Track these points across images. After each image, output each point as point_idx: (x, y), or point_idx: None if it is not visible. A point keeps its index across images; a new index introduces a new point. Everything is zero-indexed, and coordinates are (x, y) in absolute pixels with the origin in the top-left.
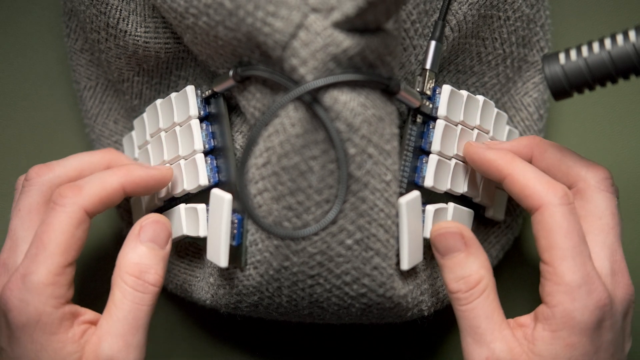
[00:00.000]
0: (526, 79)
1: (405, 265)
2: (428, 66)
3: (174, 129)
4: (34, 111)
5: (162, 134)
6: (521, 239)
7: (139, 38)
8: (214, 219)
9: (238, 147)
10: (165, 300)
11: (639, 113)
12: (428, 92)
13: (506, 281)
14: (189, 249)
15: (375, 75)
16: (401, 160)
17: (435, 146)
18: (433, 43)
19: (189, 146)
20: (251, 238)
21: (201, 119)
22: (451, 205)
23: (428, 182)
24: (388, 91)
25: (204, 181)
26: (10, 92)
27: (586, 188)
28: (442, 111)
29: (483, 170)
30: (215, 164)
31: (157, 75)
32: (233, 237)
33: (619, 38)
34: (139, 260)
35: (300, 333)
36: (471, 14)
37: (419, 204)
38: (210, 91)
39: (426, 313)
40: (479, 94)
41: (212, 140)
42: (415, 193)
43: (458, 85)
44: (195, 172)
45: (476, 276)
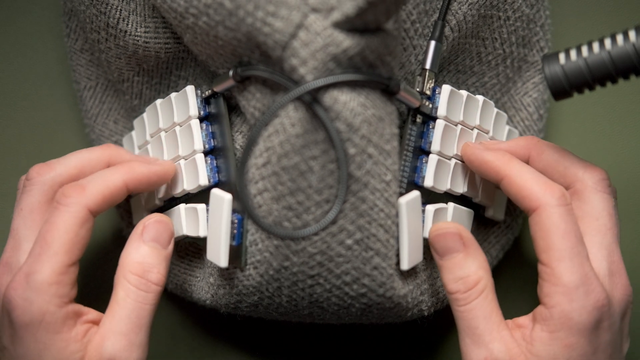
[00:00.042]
0: (526, 79)
1: (405, 265)
2: (428, 66)
3: (174, 129)
4: (34, 111)
5: (162, 134)
6: (521, 239)
7: (139, 38)
8: (214, 219)
9: (238, 147)
10: (165, 300)
11: (639, 113)
12: (428, 92)
13: (506, 281)
14: (189, 249)
15: (375, 75)
16: (401, 160)
17: (435, 146)
18: (433, 43)
19: (189, 146)
20: (251, 238)
21: (201, 119)
22: (451, 205)
23: (428, 182)
24: (388, 91)
25: (204, 181)
26: (10, 92)
27: (583, 189)
28: (442, 111)
29: (480, 171)
30: (215, 164)
31: (157, 75)
32: (233, 237)
33: (619, 38)
34: (142, 259)
35: (300, 333)
36: (471, 14)
37: (419, 204)
38: (210, 91)
39: (426, 313)
40: (479, 94)
41: (212, 140)
42: (415, 193)
43: (458, 85)
44: (195, 172)
45: (475, 277)
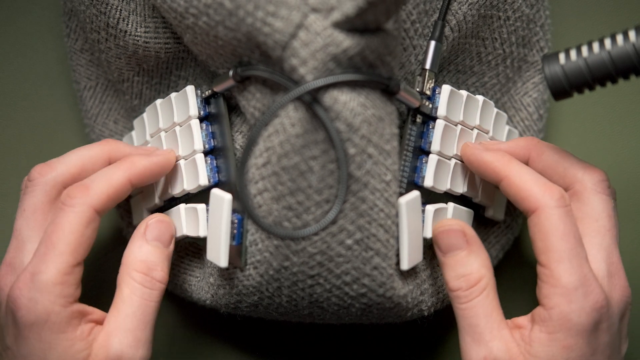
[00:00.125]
0: (526, 79)
1: (405, 265)
2: (428, 66)
3: (174, 129)
4: (34, 111)
5: (162, 134)
6: (521, 239)
7: (139, 38)
8: (214, 219)
9: (238, 147)
10: (165, 300)
11: (639, 113)
12: (428, 92)
13: (505, 281)
14: (189, 249)
15: (375, 75)
16: (401, 160)
17: (434, 146)
18: (433, 43)
19: (189, 146)
20: (251, 238)
21: (201, 119)
22: (451, 205)
23: (428, 182)
24: (388, 91)
25: (204, 181)
26: (10, 92)
27: (583, 190)
28: (442, 111)
29: (480, 172)
30: (215, 164)
31: (157, 75)
32: (233, 237)
33: (619, 38)
34: (146, 257)
35: (300, 333)
36: (471, 14)
37: (419, 204)
38: (210, 91)
39: (426, 313)
40: (479, 94)
41: (212, 140)
42: (415, 193)
43: (458, 85)
44: (195, 172)
45: (477, 275)
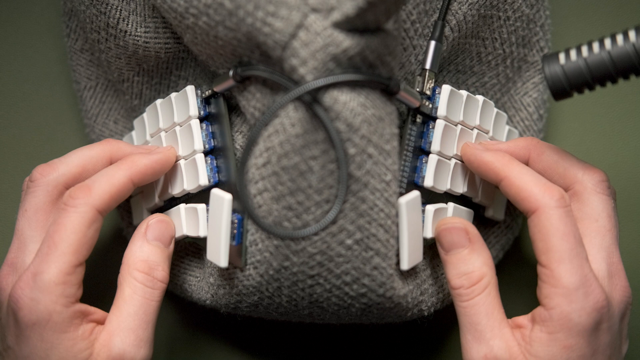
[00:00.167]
0: (526, 79)
1: (405, 265)
2: (428, 66)
3: (174, 129)
4: (34, 111)
5: (162, 134)
6: (521, 239)
7: (139, 38)
8: (214, 219)
9: (238, 147)
10: (165, 300)
11: (639, 113)
12: (428, 92)
13: (505, 281)
14: (189, 249)
15: (375, 75)
16: (401, 160)
17: (434, 146)
18: (433, 43)
19: (189, 146)
20: (251, 238)
21: (201, 119)
22: (451, 205)
23: (428, 182)
24: (388, 91)
25: (204, 181)
26: (10, 92)
27: (582, 190)
28: (442, 111)
29: (480, 172)
30: (215, 164)
31: (157, 75)
32: (233, 237)
33: (619, 38)
34: (147, 257)
35: (300, 333)
36: (471, 14)
37: (419, 204)
38: (210, 91)
39: (426, 313)
40: (479, 94)
41: (212, 140)
42: (415, 193)
43: (458, 85)
44: (195, 172)
45: (479, 273)
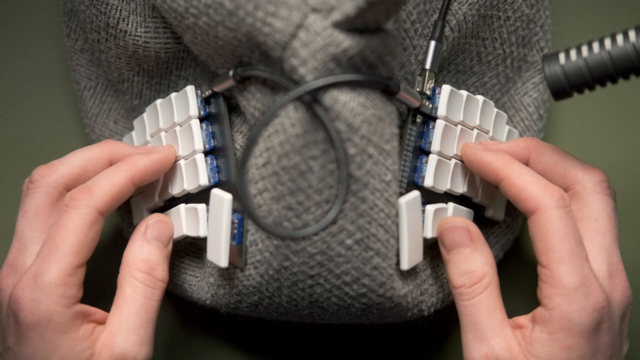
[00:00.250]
0: (526, 79)
1: (405, 265)
2: (428, 66)
3: (174, 129)
4: (34, 111)
5: (162, 134)
6: (521, 239)
7: (139, 38)
8: (214, 219)
9: (238, 147)
10: (165, 300)
11: (639, 113)
12: (428, 92)
13: (505, 281)
14: (189, 249)
15: (375, 75)
16: (401, 160)
17: (435, 146)
18: (433, 43)
19: (189, 146)
20: (251, 238)
21: (201, 119)
22: (451, 205)
23: (428, 182)
24: (388, 91)
25: (204, 181)
26: (10, 92)
27: (582, 191)
28: (442, 111)
29: (480, 172)
30: (215, 164)
31: (157, 75)
32: (233, 237)
33: (619, 38)
34: (147, 257)
35: (300, 333)
36: (471, 14)
37: (419, 204)
38: (210, 91)
39: (426, 313)
40: (479, 94)
41: (212, 140)
42: (415, 193)
43: (458, 85)
44: (195, 172)
45: (480, 272)
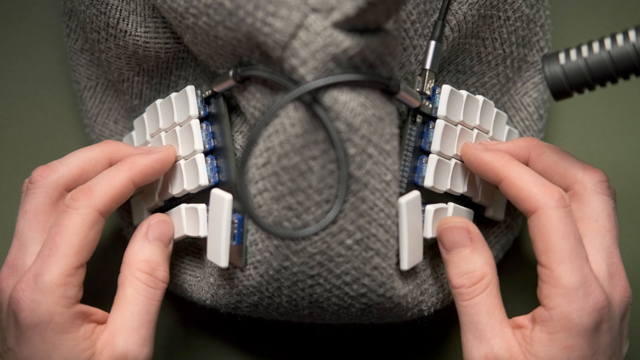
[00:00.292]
0: (526, 79)
1: (405, 265)
2: (428, 66)
3: (174, 129)
4: (34, 111)
5: (162, 134)
6: (521, 239)
7: (139, 38)
8: (214, 219)
9: (238, 147)
10: (165, 300)
11: (639, 113)
12: (428, 92)
13: (505, 281)
14: (189, 249)
15: (375, 75)
16: (401, 160)
17: (435, 146)
18: (433, 43)
19: (189, 146)
20: (251, 238)
21: (201, 119)
22: (451, 205)
23: (428, 182)
24: (388, 91)
25: (204, 181)
26: (10, 92)
27: (582, 191)
28: (442, 111)
29: (480, 172)
30: (215, 164)
31: (157, 75)
32: (233, 237)
33: (619, 38)
34: (149, 257)
35: (300, 333)
36: (471, 14)
37: (419, 204)
38: (210, 91)
39: (426, 313)
40: (479, 94)
41: (212, 140)
42: (415, 193)
43: (458, 85)
44: (195, 172)
45: (480, 272)
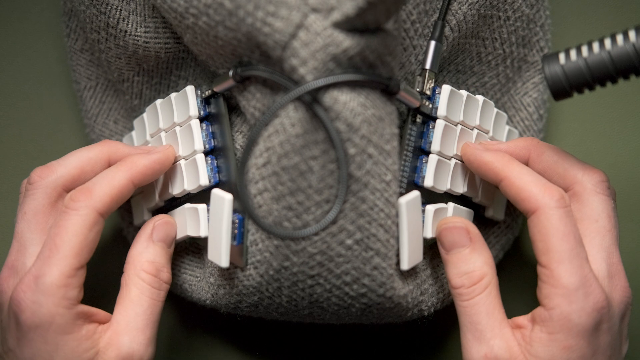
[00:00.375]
0: (526, 79)
1: (405, 265)
2: (428, 66)
3: (174, 129)
4: (34, 111)
5: (162, 134)
6: (521, 239)
7: (139, 38)
8: (215, 219)
9: (238, 147)
10: (165, 300)
11: (639, 113)
12: (428, 92)
13: (505, 281)
14: (189, 249)
15: (375, 75)
16: (401, 160)
17: (435, 146)
18: (433, 43)
19: (189, 146)
20: (251, 238)
21: (201, 119)
22: (451, 205)
23: (428, 182)
24: (388, 91)
25: (205, 181)
26: (10, 92)
27: (582, 191)
28: (442, 111)
29: (480, 172)
30: (215, 164)
31: (157, 75)
32: (234, 237)
33: (619, 38)
34: (154, 258)
35: (300, 333)
36: (471, 14)
37: (419, 204)
38: (210, 91)
39: (426, 313)
40: (479, 94)
41: (212, 140)
42: (415, 193)
43: (458, 85)
44: (195, 172)
45: (479, 272)
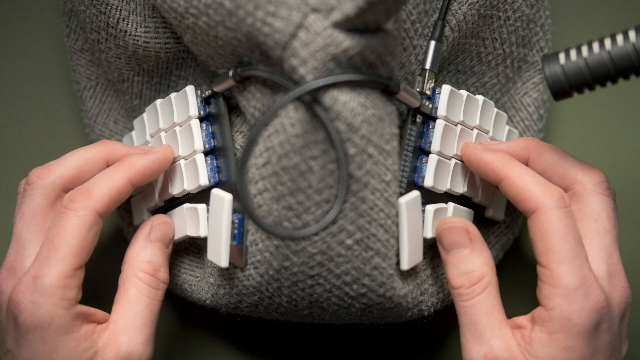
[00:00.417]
0: (526, 79)
1: (405, 265)
2: (428, 66)
3: (174, 129)
4: (34, 111)
5: (162, 134)
6: (521, 239)
7: (139, 38)
8: (215, 219)
9: (238, 147)
10: (165, 300)
11: (639, 113)
12: (428, 92)
13: (505, 281)
14: (189, 249)
15: (375, 75)
16: (401, 160)
17: (434, 146)
18: (433, 43)
19: (189, 146)
20: (251, 238)
21: (201, 119)
22: (451, 205)
23: (428, 182)
24: (388, 91)
25: (204, 181)
26: (10, 92)
27: (582, 191)
28: (442, 111)
29: (480, 172)
30: (215, 164)
31: (157, 75)
32: (234, 237)
33: (619, 38)
34: (151, 258)
35: (300, 333)
36: (471, 14)
37: (419, 204)
38: (210, 91)
39: (426, 313)
40: (479, 94)
41: (212, 140)
42: (415, 193)
43: (458, 85)
44: (195, 172)
45: (479, 272)
